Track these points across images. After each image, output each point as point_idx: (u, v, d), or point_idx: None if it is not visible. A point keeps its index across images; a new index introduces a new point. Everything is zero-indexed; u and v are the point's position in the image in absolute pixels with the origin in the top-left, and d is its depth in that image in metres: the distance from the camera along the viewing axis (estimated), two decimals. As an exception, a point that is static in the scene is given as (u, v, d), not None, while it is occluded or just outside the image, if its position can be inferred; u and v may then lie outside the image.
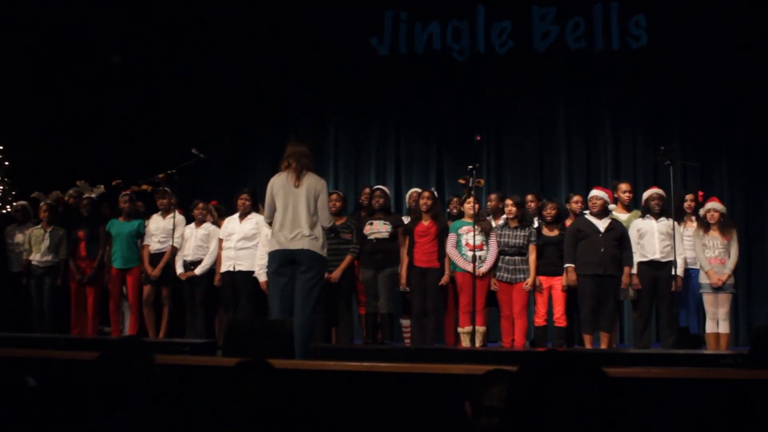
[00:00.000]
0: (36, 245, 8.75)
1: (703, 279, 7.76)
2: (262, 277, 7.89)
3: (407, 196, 9.08)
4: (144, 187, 8.73)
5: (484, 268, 7.67)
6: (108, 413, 2.55)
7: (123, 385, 2.58)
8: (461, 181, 8.51)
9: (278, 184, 6.09)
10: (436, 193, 8.39)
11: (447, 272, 7.92)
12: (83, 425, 2.57)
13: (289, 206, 5.99)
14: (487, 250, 7.79)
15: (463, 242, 7.82)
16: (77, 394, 3.03)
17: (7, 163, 10.27)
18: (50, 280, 8.72)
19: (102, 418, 2.55)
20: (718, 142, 10.57)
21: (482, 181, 8.44)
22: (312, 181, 6.06)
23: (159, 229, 8.54)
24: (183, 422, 3.32)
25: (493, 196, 8.76)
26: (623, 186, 8.34)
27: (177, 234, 8.32)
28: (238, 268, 8.09)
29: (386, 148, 11.51)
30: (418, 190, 8.82)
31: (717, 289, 7.62)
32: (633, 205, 8.49)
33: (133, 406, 2.56)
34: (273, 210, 6.10)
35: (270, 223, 6.23)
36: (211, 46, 11.52)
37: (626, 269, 7.62)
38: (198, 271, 8.29)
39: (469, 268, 7.63)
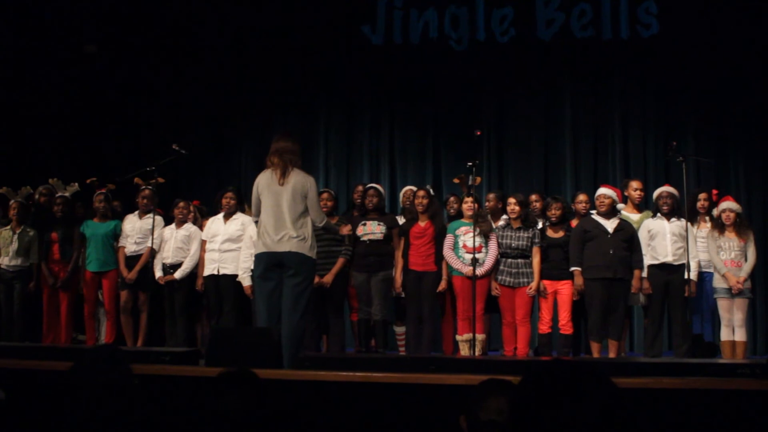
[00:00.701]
0: (5, 248, 8.70)
1: (717, 283, 7.76)
2: (246, 281, 7.87)
3: (401, 194, 9.08)
4: (136, 180, 8.69)
5: (481, 270, 7.66)
6: (82, 427, 2.54)
7: (98, 397, 2.56)
8: (456, 181, 8.50)
9: (263, 183, 6.10)
10: (432, 190, 8.39)
11: (444, 277, 7.91)
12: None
13: (274, 206, 5.99)
14: (487, 252, 7.78)
15: (461, 244, 7.81)
16: (49, 406, 3.02)
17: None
18: (21, 285, 8.66)
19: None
20: (734, 137, 10.57)
21: (479, 179, 8.44)
22: (299, 179, 6.05)
23: (135, 230, 8.52)
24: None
25: (491, 196, 8.74)
26: (634, 184, 8.33)
27: (155, 235, 8.29)
28: (222, 272, 8.07)
29: (380, 143, 11.49)
30: (413, 188, 8.81)
31: (733, 294, 7.63)
32: (644, 204, 8.48)
33: (108, 419, 2.55)
34: (260, 210, 6.12)
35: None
36: (193, 35, 11.50)
37: (637, 273, 7.62)
38: (177, 275, 8.26)
39: (467, 270, 7.63)
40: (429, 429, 4.16)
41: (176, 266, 8.30)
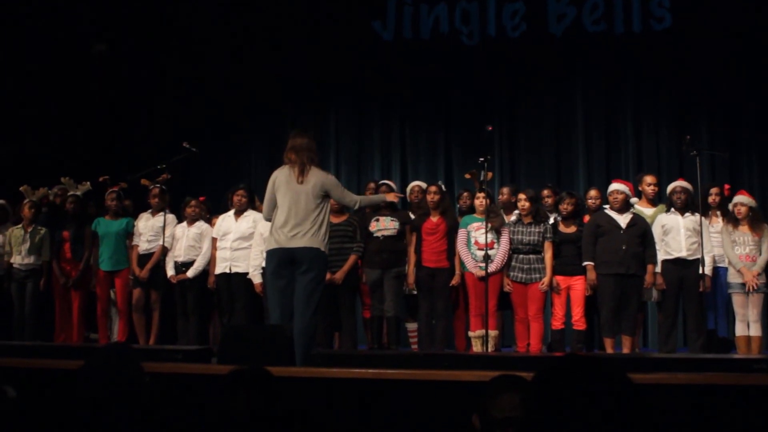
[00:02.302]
0: (16, 246, 8.73)
1: (732, 278, 7.72)
2: (256, 278, 7.88)
3: (408, 190, 9.06)
4: (143, 181, 8.70)
5: (491, 267, 7.63)
6: (94, 426, 2.54)
7: (109, 396, 2.56)
8: (468, 176, 8.48)
9: (281, 179, 6.06)
10: (443, 186, 8.37)
11: (458, 272, 7.90)
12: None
13: (291, 203, 5.96)
14: (499, 248, 7.77)
15: (473, 240, 7.80)
16: (61, 405, 3.02)
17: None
18: (32, 284, 8.68)
19: (87, 431, 2.54)
20: (749, 131, 10.52)
21: (490, 174, 8.41)
22: (318, 178, 6.02)
23: (147, 228, 8.54)
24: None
25: (505, 190, 8.73)
26: (648, 179, 8.28)
27: (167, 233, 8.30)
28: (234, 270, 8.08)
29: (390, 139, 11.48)
30: (421, 184, 8.79)
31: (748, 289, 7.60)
32: (658, 199, 8.44)
33: (120, 417, 2.55)
34: (273, 207, 6.08)
35: (269, 220, 6.22)
36: (202, 32, 11.50)
37: (650, 268, 7.59)
38: (190, 273, 8.28)
39: (478, 273, 7.62)
40: (442, 426, 4.15)
41: (188, 264, 8.31)
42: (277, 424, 2.54)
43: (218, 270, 8.17)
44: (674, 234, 7.67)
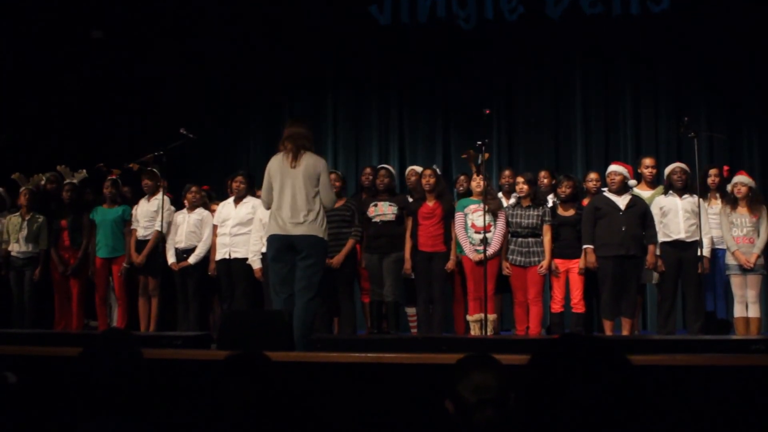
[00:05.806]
0: (14, 234, 8.73)
1: (730, 260, 7.73)
2: (256, 264, 7.89)
3: (406, 174, 9.05)
4: (131, 165, 8.68)
5: (489, 250, 7.63)
6: (92, 412, 2.54)
7: (108, 382, 2.56)
8: (464, 156, 8.46)
9: (275, 166, 6.10)
10: (438, 170, 8.36)
11: (453, 257, 7.89)
12: (66, 426, 2.57)
13: (286, 188, 5.99)
14: (495, 230, 7.76)
15: (469, 223, 7.80)
16: (60, 392, 3.03)
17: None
18: (31, 272, 8.70)
19: (86, 417, 2.54)
20: (747, 113, 10.50)
21: (487, 155, 8.39)
22: (311, 161, 6.05)
23: (144, 214, 8.53)
24: (174, 421, 3.31)
25: (507, 173, 8.72)
26: (647, 161, 8.28)
27: (166, 219, 8.28)
28: (234, 256, 8.09)
29: (388, 124, 11.46)
30: (417, 168, 8.78)
31: (746, 270, 7.60)
32: (657, 181, 8.43)
33: (119, 404, 2.55)
34: (270, 195, 6.11)
35: (269, 209, 6.25)
36: (200, 18, 11.45)
37: (651, 248, 7.58)
38: (192, 260, 8.28)
39: (475, 257, 7.62)
40: (441, 409, 4.15)
41: (189, 251, 8.31)
42: (276, 408, 2.54)
43: (218, 256, 8.18)
44: (672, 216, 7.67)
